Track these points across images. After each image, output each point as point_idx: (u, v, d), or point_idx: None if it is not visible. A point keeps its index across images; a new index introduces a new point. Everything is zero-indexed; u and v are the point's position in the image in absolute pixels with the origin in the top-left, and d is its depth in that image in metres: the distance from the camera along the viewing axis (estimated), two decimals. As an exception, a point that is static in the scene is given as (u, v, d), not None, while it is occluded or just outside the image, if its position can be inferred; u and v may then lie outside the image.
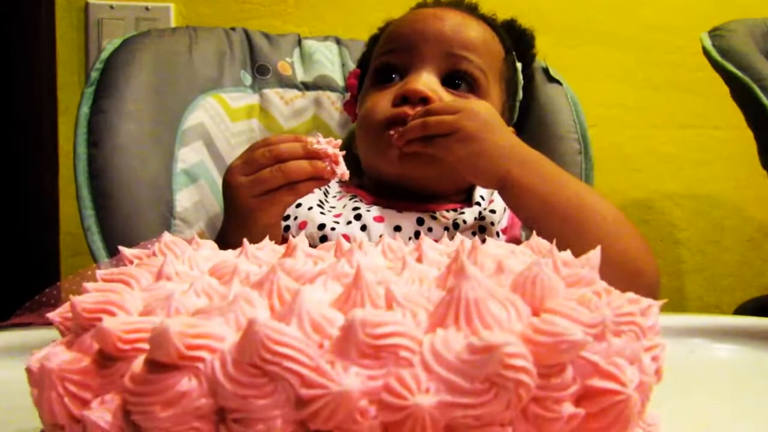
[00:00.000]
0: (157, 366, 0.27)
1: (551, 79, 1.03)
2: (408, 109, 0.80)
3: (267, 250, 0.43)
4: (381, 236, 0.43)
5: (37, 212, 1.25)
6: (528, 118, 1.00)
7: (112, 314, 0.32)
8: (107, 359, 0.30)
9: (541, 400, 0.27)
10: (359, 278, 0.31)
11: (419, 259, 0.39)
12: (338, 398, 0.25)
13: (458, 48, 0.86)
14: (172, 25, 1.26)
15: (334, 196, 0.89)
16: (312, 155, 0.67)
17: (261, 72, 1.02)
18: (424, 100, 0.81)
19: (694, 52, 1.14)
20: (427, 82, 0.83)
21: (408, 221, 0.81)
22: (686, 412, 0.43)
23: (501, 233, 0.85)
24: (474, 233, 0.82)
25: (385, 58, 0.89)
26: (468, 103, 0.79)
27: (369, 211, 0.82)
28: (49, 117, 1.24)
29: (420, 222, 0.81)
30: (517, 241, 0.85)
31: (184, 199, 0.88)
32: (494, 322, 0.28)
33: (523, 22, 1.00)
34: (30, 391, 0.31)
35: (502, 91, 0.91)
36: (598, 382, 0.28)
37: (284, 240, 0.42)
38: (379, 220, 0.81)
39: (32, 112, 1.25)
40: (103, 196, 0.83)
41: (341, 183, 0.92)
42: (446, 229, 0.80)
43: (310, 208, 0.83)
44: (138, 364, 0.28)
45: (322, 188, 0.88)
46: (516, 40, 0.96)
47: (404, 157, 0.79)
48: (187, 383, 0.27)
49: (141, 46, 0.92)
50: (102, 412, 0.28)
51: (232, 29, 1.03)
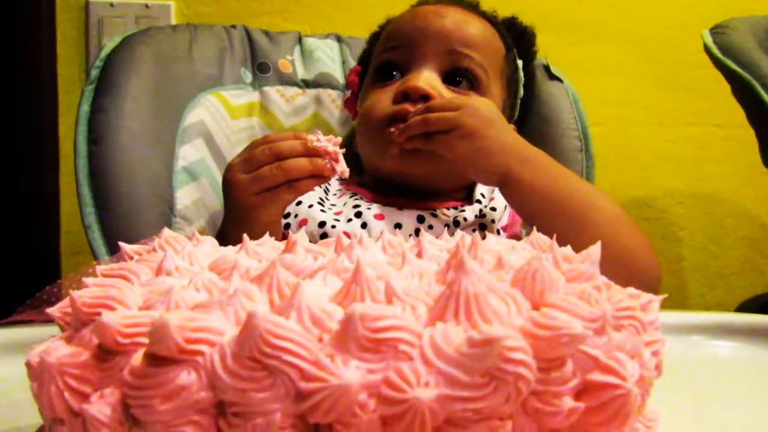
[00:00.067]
0: (157, 360, 0.27)
1: (552, 77, 1.02)
2: (409, 107, 0.80)
3: (267, 245, 0.43)
4: (381, 233, 0.43)
5: (37, 211, 1.25)
6: (529, 115, 1.00)
7: (111, 309, 0.32)
8: (107, 353, 0.30)
9: (541, 394, 0.27)
10: (359, 273, 0.31)
11: (419, 255, 0.39)
12: (338, 392, 0.25)
13: (459, 45, 0.86)
14: (173, 23, 1.26)
15: (335, 194, 0.89)
16: (312, 153, 0.67)
17: (261, 70, 1.02)
18: (425, 97, 0.81)
19: (696, 50, 1.14)
20: (428, 79, 0.83)
21: (408, 219, 0.81)
22: (685, 409, 0.43)
23: (501, 231, 0.85)
24: (474, 231, 0.82)
25: (385, 56, 0.89)
26: (469, 99, 0.79)
27: (369, 208, 0.82)
28: (50, 116, 1.24)
29: (420, 220, 0.81)
30: (517, 239, 0.84)
31: (184, 197, 0.88)
32: (494, 316, 0.27)
33: (525, 19, 1.00)
34: (30, 386, 0.31)
35: (502, 88, 0.91)
36: (598, 377, 0.28)
37: (284, 238, 0.42)
38: (379, 217, 0.81)
39: (33, 110, 1.24)
40: (104, 194, 0.83)
41: (342, 181, 0.91)
42: (447, 226, 0.80)
43: (310, 206, 0.83)
44: (137, 357, 0.28)
45: (323, 186, 0.88)
46: (517, 38, 0.96)
47: (405, 154, 0.79)
48: (186, 377, 0.27)
49: (141, 44, 0.92)
50: (101, 405, 0.28)
51: (233, 27, 1.03)
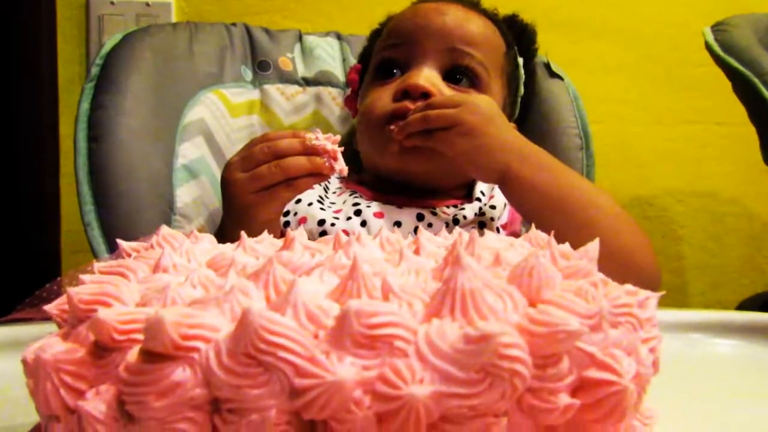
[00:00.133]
0: (152, 356, 0.27)
1: (553, 75, 1.02)
2: (409, 104, 0.80)
3: (265, 243, 0.43)
4: (380, 230, 0.43)
5: (38, 209, 1.25)
6: (529, 113, 1.00)
7: (108, 305, 0.32)
8: (103, 350, 0.30)
9: (537, 390, 0.27)
10: (355, 269, 0.31)
11: (417, 252, 0.39)
12: (332, 388, 0.25)
13: (460, 43, 0.86)
14: (173, 20, 1.26)
15: (335, 192, 0.89)
16: (310, 151, 0.67)
17: (262, 67, 1.01)
18: (425, 95, 0.81)
19: (697, 48, 1.14)
20: (428, 76, 0.83)
21: (408, 217, 0.81)
22: (686, 407, 0.42)
23: (501, 229, 0.85)
24: (474, 229, 0.82)
25: (386, 53, 0.89)
26: (469, 97, 0.79)
27: (369, 206, 0.82)
28: (50, 114, 1.24)
29: (420, 218, 0.81)
30: (517, 237, 0.84)
31: (184, 195, 0.88)
32: (490, 312, 0.27)
33: (526, 17, 1.00)
34: (26, 383, 0.31)
35: (503, 86, 0.91)
36: (594, 373, 0.27)
37: (284, 236, 0.42)
38: (379, 215, 0.81)
39: (33, 109, 1.25)
40: (103, 192, 0.83)
41: (342, 179, 0.91)
42: (446, 224, 0.80)
43: (310, 204, 0.83)
44: (133, 354, 0.28)
45: (323, 184, 0.88)
46: (518, 35, 0.96)
47: (404, 152, 0.79)
48: (181, 373, 0.26)
49: (141, 42, 0.92)
50: (96, 402, 0.28)
51: (233, 25, 1.03)
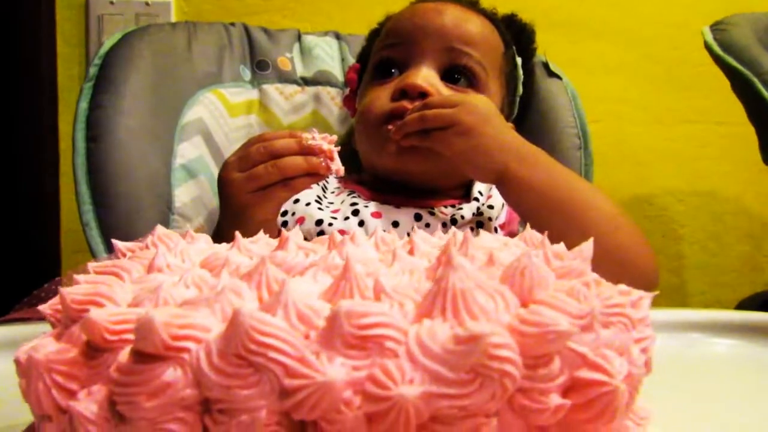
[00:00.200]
0: (143, 356, 0.27)
1: (551, 74, 1.02)
2: (407, 104, 0.80)
3: (261, 243, 0.43)
4: (375, 230, 0.43)
5: (38, 209, 1.25)
6: (528, 113, 1.00)
7: (100, 306, 0.32)
8: (95, 350, 0.30)
9: (528, 391, 0.26)
10: (348, 270, 0.31)
11: (411, 252, 0.38)
12: (322, 388, 0.25)
13: (458, 43, 0.86)
14: (173, 20, 1.26)
15: (333, 192, 0.89)
16: (307, 151, 0.66)
17: (260, 67, 1.01)
18: (423, 94, 0.81)
19: (696, 48, 1.14)
20: (426, 76, 0.83)
21: (406, 217, 0.81)
22: (684, 407, 0.42)
23: (499, 229, 0.84)
24: (472, 229, 0.82)
25: (384, 53, 0.89)
26: (466, 97, 0.78)
27: (367, 206, 0.82)
28: (50, 114, 1.25)
29: (418, 218, 0.81)
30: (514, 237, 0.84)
31: (183, 195, 0.88)
32: (481, 312, 0.27)
33: (525, 17, 0.99)
34: (18, 383, 0.31)
35: (501, 86, 0.91)
36: (585, 374, 0.27)
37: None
38: (376, 215, 0.81)
39: (33, 108, 1.25)
40: (102, 192, 0.83)
41: (340, 179, 0.91)
42: (444, 224, 0.80)
43: (308, 204, 0.83)
44: (124, 354, 0.28)
45: (321, 184, 0.88)
46: (516, 35, 0.96)
47: (402, 152, 0.79)
48: (172, 374, 0.26)
49: (140, 42, 0.92)
50: (88, 402, 0.28)
51: (232, 24, 1.03)
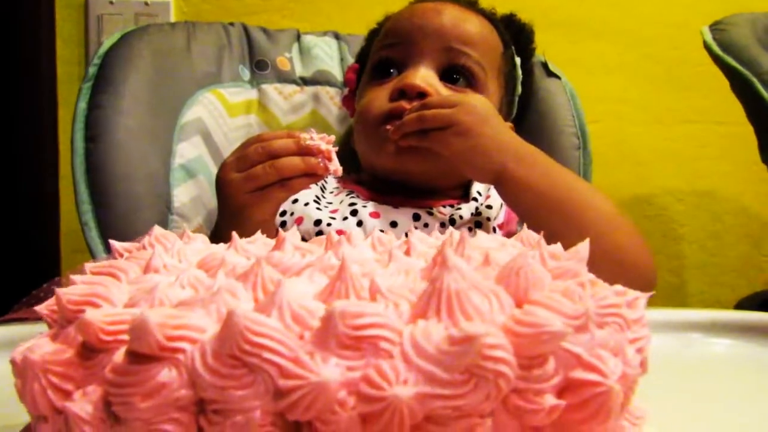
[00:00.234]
0: (138, 357, 0.27)
1: (550, 74, 1.02)
2: (405, 104, 0.80)
3: (258, 243, 0.43)
4: (372, 230, 0.43)
5: (37, 209, 1.25)
6: (527, 112, 1.00)
7: (96, 306, 0.32)
8: (90, 351, 0.30)
9: (523, 391, 0.26)
10: (344, 270, 0.31)
11: (408, 252, 0.38)
12: (317, 389, 0.25)
13: (456, 42, 0.86)
14: (172, 20, 1.26)
15: (332, 192, 0.89)
16: (305, 151, 0.66)
17: (260, 67, 1.01)
18: (422, 94, 0.81)
19: (696, 47, 1.13)
20: (424, 76, 0.83)
21: (404, 217, 0.81)
22: (682, 407, 0.42)
23: (498, 229, 0.84)
24: (470, 229, 0.82)
25: (383, 53, 0.89)
26: (465, 97, 0.78)
27: (365, 206, 0.82)
28: (50, 114, 1.25)
29: (416, 218, 0.81)
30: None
31: (182, 195, 0.88)
32: (476, 313, 0.27)
33: (524, 17, 0.99)
34: (14, 383, 0.31)
35: (500, 86, 0.91)
36: (580, 374, 0.27)
37: (281, 236, 0.42)
38: (375, 215, 0.81)
39: (32, 109, 1.25)
40: (101, 192, 0.83)
41: (339, 179, 0.91)
42: (443, 224, 0.80)
43: (306, 204, 0.83)
44: (119, 355, 0.28)
45: (319, 184, 0.88)
46: (515, 35, 0.96)
47: (400, 152, 0.79)
48: (167, 374, 0.26)
49: (139, 41, 0.92)
50: (83, 403, 0.28)
51: (231, 24, 1.03)
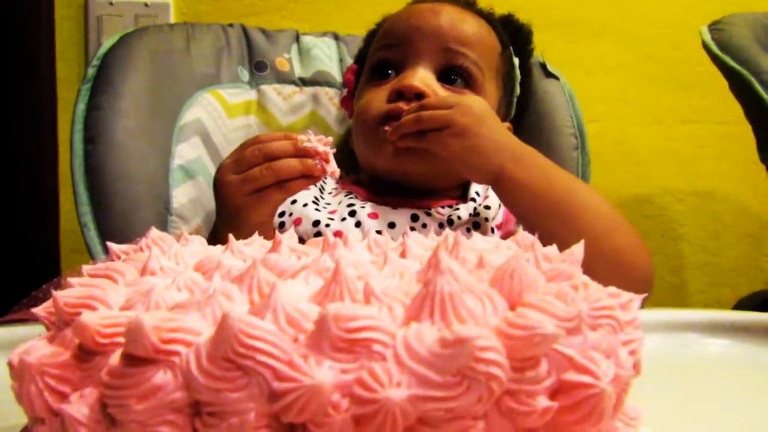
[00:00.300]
0: (133, 360, 0.27)
1: (548, 75, 1.02)
2: (403, 105, 0.80)
3: (255, 245, 0.43)
4: (368, 231, 0.43)
5: (37, 209, 1.25)
6: (525, 113, 1.00)
7: (93, 309, 0.32)
8: (87, 353, 0.30)
9: (515, 393, 0.27)
10: (338, 272, 0.31)
11: (403, 254, 0.39)
12: (310, 392, 0.25)
13: (454, 43, 0.86)
14: (172, 21, 1.26)
15: (330, 193, 0.89)
16: (302, 153, 0.66)
17: (259, 68, 1.02)
18: (420, 95, 0.81)
19: (695, 47, 1.13)
20: (422, 77, 0.83)
21: (402, 218, 0.81)
22: (679, 407, 0.42)
23: (496, 229, 0.85)
24: (468, 229, 0.82)
25: (381, 54, 0.89)
26: (462, 98, 0.79)
27: (364, 207, 0.82)
28: (49, 114, 1.25)
29: (414, 218, 0.81)
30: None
31: (180, 196, 0.89)
32: (469, 316, 0.27)
33: (523, 17, 0.99)
34: (11, 385, 0.31)
35: (498, 86, 0.91)
36: (572, 376, 0.27)
37: (280, 238, 0.42)
38: (373, 216, 0.81)
39: (32, 109, 1.25)
40: (100, 193, 0.83)
41: (338, 180, 0.92)
42: (441, 225, 0.80)
43: (305, 205, 0.83)
44: (115, 357, 0.28)
45: (318, 185, 0.88)
46: (513, 35, 0.96)
47: (398, 153, 0.79)
48: (162, 377, 0.27)
49: (138, 43, 0.92)
50: (80, 405, 0.28)
51: (230, 25, 1.03)
